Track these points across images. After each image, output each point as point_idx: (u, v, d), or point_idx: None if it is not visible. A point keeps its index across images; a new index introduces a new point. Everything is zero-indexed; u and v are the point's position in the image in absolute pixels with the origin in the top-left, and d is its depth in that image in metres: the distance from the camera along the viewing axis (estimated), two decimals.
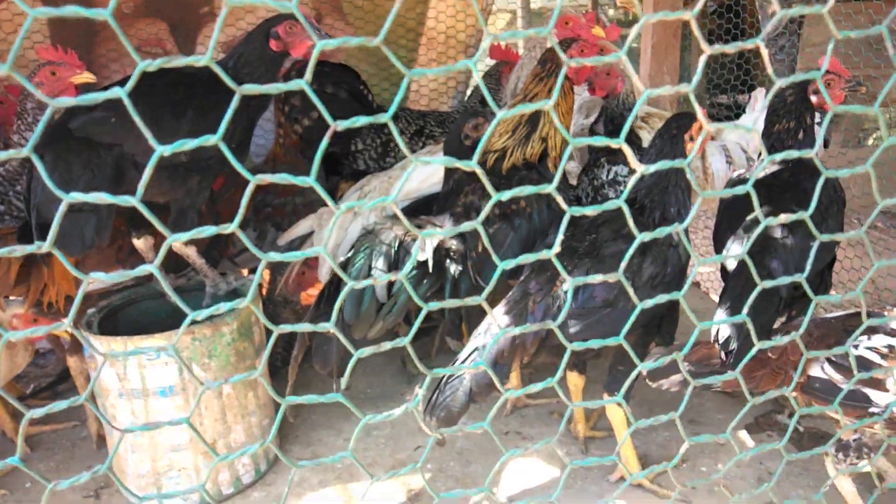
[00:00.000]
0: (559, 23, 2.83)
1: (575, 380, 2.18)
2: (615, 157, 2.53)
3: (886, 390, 1.63)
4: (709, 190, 2.73)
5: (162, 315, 2.35)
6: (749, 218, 2.06)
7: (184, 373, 1.95)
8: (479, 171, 0.88)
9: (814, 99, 2.10)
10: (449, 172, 2.47)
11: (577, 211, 0.99)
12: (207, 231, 0.87)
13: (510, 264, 1.05)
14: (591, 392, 2.34)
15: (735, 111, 6.88)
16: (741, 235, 2.04)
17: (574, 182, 2.74)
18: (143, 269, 0.86)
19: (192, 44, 3.24)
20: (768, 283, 1.21)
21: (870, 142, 5.55)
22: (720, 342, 1.82)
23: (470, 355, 1.81)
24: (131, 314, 2.31)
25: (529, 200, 2.21)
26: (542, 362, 2.55)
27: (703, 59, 0.93)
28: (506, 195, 0.92)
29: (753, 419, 2.37)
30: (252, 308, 0.93)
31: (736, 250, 2.04)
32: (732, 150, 2.66)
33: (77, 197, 0.80)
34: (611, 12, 9.12)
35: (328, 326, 0.90)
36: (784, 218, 1.22)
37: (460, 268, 2.01)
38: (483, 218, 0.99)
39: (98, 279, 0.90)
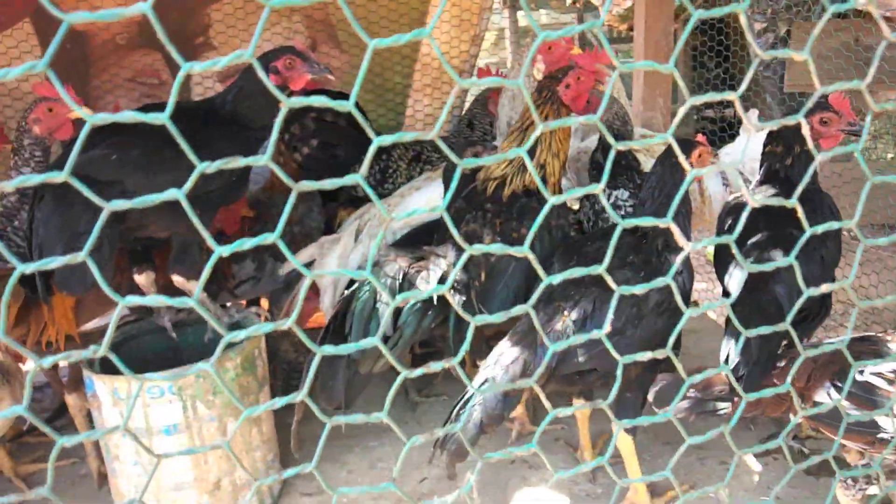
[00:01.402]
0: (542, 48, 2.86)
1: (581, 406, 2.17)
2: (615, 181, 2.55)
3: (894, 416, 1.64)
4: (706, 214, 2.76)
5: (163, 350, 2.33)
6: (750, 242, 2.08)
7: (188, 410, 1.92)
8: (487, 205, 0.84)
9: (808, 126, 2.13)
10: (449, 200, 2.48)
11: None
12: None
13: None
14: (598, 419, 2.34)
15: (721, 125, 6.99)
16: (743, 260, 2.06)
17: (576, 206, 2.76)
18: (182, 302, 0.83)
19: (188, 74, 3.25)
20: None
21: (889, 156, 5.62)
22: (729, 368, 1.82)
23: (480, 386, 1.80)
24: (132, 350, 2.29)
25: (531, 227, 2.22)
26: (552, 391, 2.54)
27: (682, 111, 0.94)
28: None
29: (758, 441, 2.38)
30: (256, 342, 0.92)
31: (739, 276, 2.06)
32: (729, 172, 2.69)
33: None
34: (596, 29, 9.22)
35: (348, 349, 0.87)
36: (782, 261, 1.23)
37: (464, 298, 2.01)
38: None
39: (133, 303, 0.85)
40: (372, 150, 0.81)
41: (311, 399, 0.95)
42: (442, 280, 1.95)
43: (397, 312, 1.87)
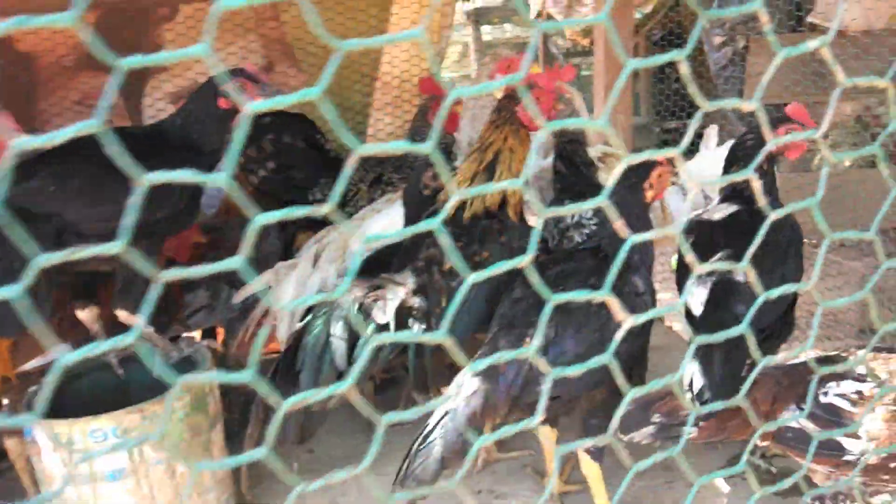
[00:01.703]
0: (501, 66, 2.83)
1: (547, 433, 2.12)
2: (579, 199, 2.52)
3: (859, 438, 1.61)
4: (668, 229, 2.74)
5: (111, 388, 2.22)
6: (711, 261, 2.06)
7: (134, 454, 1.82)
8: (443, 234, 0.77)
9: (773, 147, 2.13)
10: (409, 224, 2.42)
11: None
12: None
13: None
14: (564, 444, 2.28)
15: (681, 134, 7.09)
16: (704, 278, 2.04)
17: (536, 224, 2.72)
18: (122, 341, 0.72)
19: (138, 96, 3.15)
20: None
21: (814, 163, 5.72)
22: (693, 393, 1.79)
23: (440, 420, 1.74)
24: (76, 390, 2.17)
25: (493, 251, 2.17)
26: (516, 420, 2.49)
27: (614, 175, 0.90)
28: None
29: (726, 461, 2.35)
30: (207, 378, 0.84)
31: (700, 294, 2.03)
32: (689, 189, 2.68)
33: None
34: (560, 42, 9.31)
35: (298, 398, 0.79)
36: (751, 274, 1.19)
37: (423, 326, 1.95)
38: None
39: (71, 360, 0.75)
40: (353, 159, 0.71)
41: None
42: (399, 309, 1.88)
43: (353, 344, 1.80)
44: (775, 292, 1.13)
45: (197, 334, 2.83)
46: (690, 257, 1.00)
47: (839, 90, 0.95)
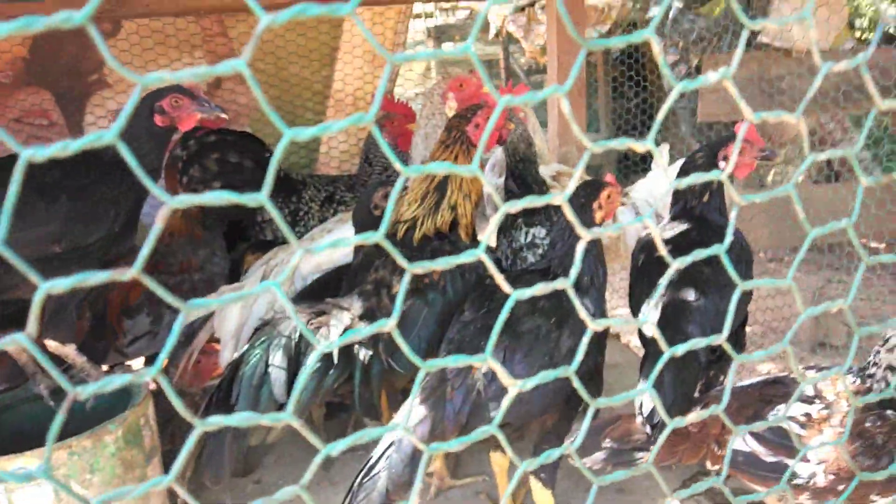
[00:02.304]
0: (453, 85, 2.81)
1: (499, 460, 2.07)
2: (532, 218, 2.50)
3: (808, 461, 1.60)
4: (621, 249, 2.74)
5: (42, 420, 2.10)
6: (661, 281, 2.05)
7: (60, 494, 1.71)
8: (387, 245, 0.72)
9: (722, 164, 2.13)
10: (358, 245, 2.36)
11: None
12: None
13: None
14: (516, 470, 2.23)
15: (639, 155, 7.18)
16: (656, 299, 2.02)
17: (492, 244, 2.69)
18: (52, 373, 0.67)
19: (80, 113, 3.04)
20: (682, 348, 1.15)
21: (769, 179, 5.84)
22: (644, 416, 1.76)
23: (385, 451, 1.67)
24: (4, 422, 2.05)
25: (442, 272, 2.13)
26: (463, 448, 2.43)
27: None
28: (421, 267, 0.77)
29: (681, 483, 2.32)
30: (141, 409, 0.77)
31: (652, 315, 2.01)
32: (641, 207, 2.68)
33: None
34: (522, 60, 9.40)
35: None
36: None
37: (370, 352, 1.88)
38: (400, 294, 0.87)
39: None
40: (284, 142, 0.65)
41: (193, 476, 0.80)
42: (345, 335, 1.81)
43: (293, 374, 1.72)
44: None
45: (139, 362, 2.71)
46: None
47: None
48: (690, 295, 1.94)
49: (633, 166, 7.07)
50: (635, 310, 2.13)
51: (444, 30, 9.53)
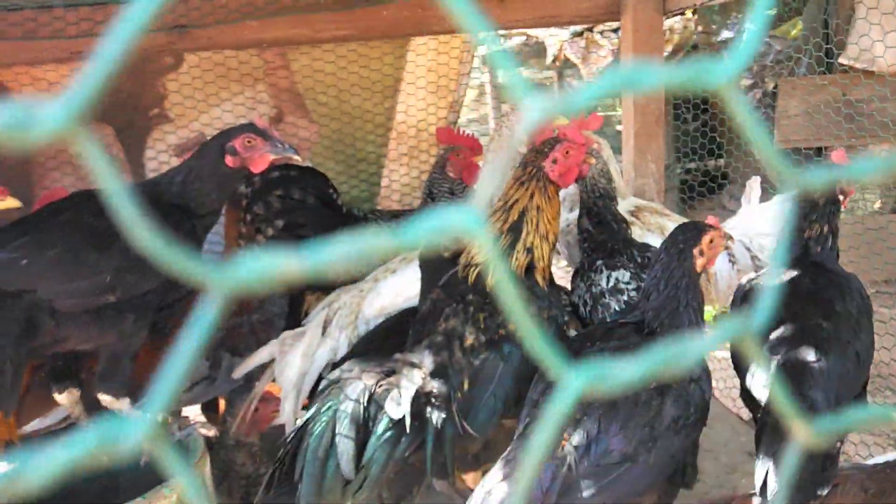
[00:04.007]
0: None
1: None
2: (614, 260, 2.28)
3: None
4: (711, 293, 2.49)
5: (96, 478, 1.98)
6: (774, 336, 1.80)
7: None
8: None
9: (842, 198, 1.90)
10: (426, 290, 2.19)
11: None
12: None
13: None
14: None
15: (703, 178, 6.87)
16: (767, 357, 1.77)
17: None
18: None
19: (140, 148, 2.99)
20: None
21: (876, 206, 5.45)
22: (766, 498, 1.52)
23: None
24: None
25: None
26: None
27: None
28: None
29: None
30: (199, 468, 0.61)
31: (763, 377, 1.77)
32: (735, 249, 2.43)
33: None
34: (575, 83, 9.21)
35: None
36: None
37: (443, 415, 1.69)
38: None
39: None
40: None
41: None
42: (416, 396, 1.63)
43: (361, 444, 1.55)
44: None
45: (194, 409, 2.60)
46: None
47: None
48: (811, 355, 1.69)
49: (698, 196, 6.77)
50: (740, 368, 1.89)
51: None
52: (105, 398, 1.80)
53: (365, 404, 1.59)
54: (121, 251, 1.71)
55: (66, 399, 1.83)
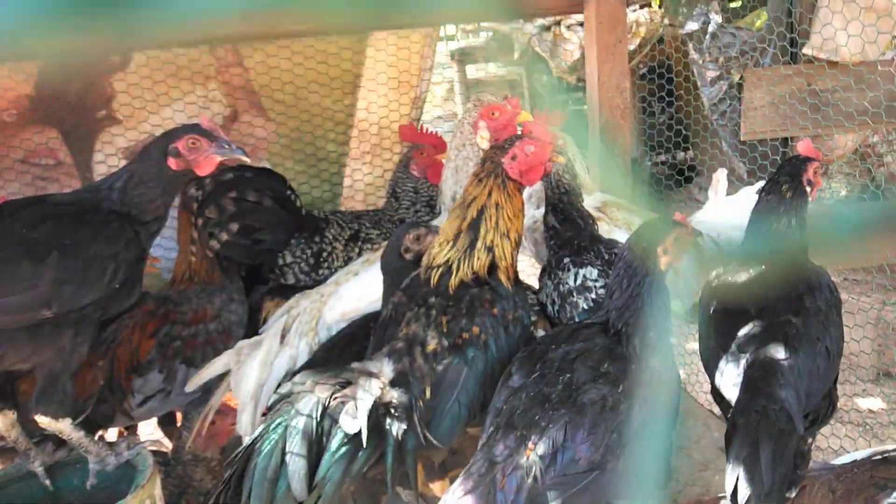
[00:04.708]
0: (486, 113, 2.57)
1: None
2: (581, 257, 2.23)
3: None
4: (680, 289, 2.45)
5: (38, 500, 1.87)
6: (742, 333, 1.76)
7: None
8: None
9: (808, 189, 1.86)
10: (388, 294, 2.11)
11: None
12: None
13: None
14: None
15: (671, 167, 6.88)
16: (737, 355, 1.73)
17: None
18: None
19: (88, 152, 2.86)
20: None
21: (843, 194, 5.49)
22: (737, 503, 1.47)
23: None
24: None
25: (484, 327, 1.86)
26: None
27: None
28: None
29: None
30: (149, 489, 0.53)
31: (730, 373, 1.72)
32: (703, 243, 2.39)
33: None
34: (544, 79, 9.17)
35: None
36: None
37: (404, 426, 1.62)
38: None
39: None
40: None
41: None
42: (374, 407, 1.55)
43: (314, 462, 1.46)
44: None
45: (148, 425, 2.48)
46: None
47: None
48: (780, 353, 1.65)
49: (667, 189, 6.77)
50: (709, 366, 1.84)
51: (467, 52, 9.34)
52: (43, 420, 1.69)
53: (318, 419, 1.50)
54: (59, 260, 1.61)
55: (1, 422, 1.71)
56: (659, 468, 1.60)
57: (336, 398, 1.53)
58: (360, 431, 1.48)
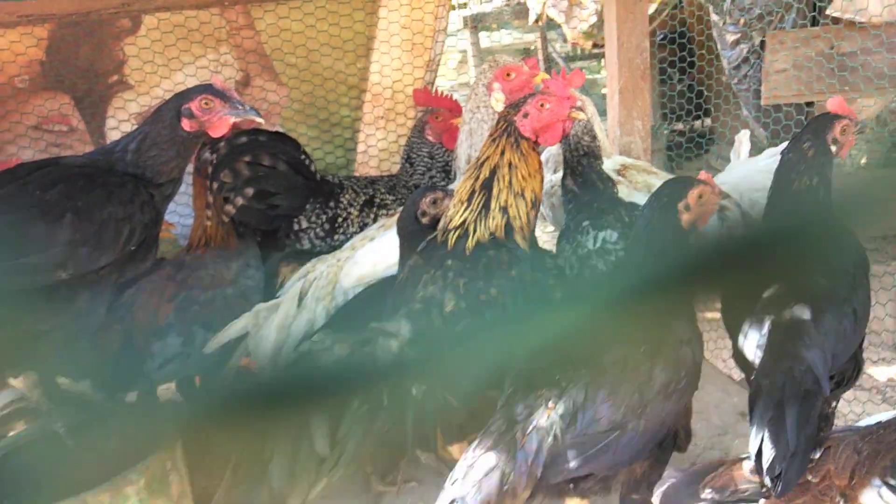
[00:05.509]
0: (500, 74, 2.51)
1: None
2: (601, 220, 2.19)
3: None
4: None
5: (63, 460, 1.89)
6: (766, 295, 1.72)
7: None
8: None
9: (834, 149, 1.81)
10: (404, 258, 2.09)
11: None
12: None
13: None
14: None
15: (689, 136, 6.75)
16: (760, 316, 1.70)
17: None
18: None
19: (101, 117, 2.84)
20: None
21: (862, 162, 5.36)
22: (764, 466, 1.45)
23: None
24: (17, 466, 1.84)
25: (502, 287, 1.84)
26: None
27: None
28: None
29: None
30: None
31: (754, 337, 1.69)
32: (730, 205, 2.34)
33: None
34: (557, 46, 9.00)
35: None
36: None
37: (423, 387, 1.61)
38: None
39: None
40: None
41: None
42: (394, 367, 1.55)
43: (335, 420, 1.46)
44: None
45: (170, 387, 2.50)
46: None
47: None
48: (805, 313, 1.62)
49: (686, 152, 6.65)
50: (732, 327, 1.81)
51: (480, 18, 9.18)
52: (63, 381, 1.70)
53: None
54: (73, 221, 1.59)
55: (22, 383, 1.73)
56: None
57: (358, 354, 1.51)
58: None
